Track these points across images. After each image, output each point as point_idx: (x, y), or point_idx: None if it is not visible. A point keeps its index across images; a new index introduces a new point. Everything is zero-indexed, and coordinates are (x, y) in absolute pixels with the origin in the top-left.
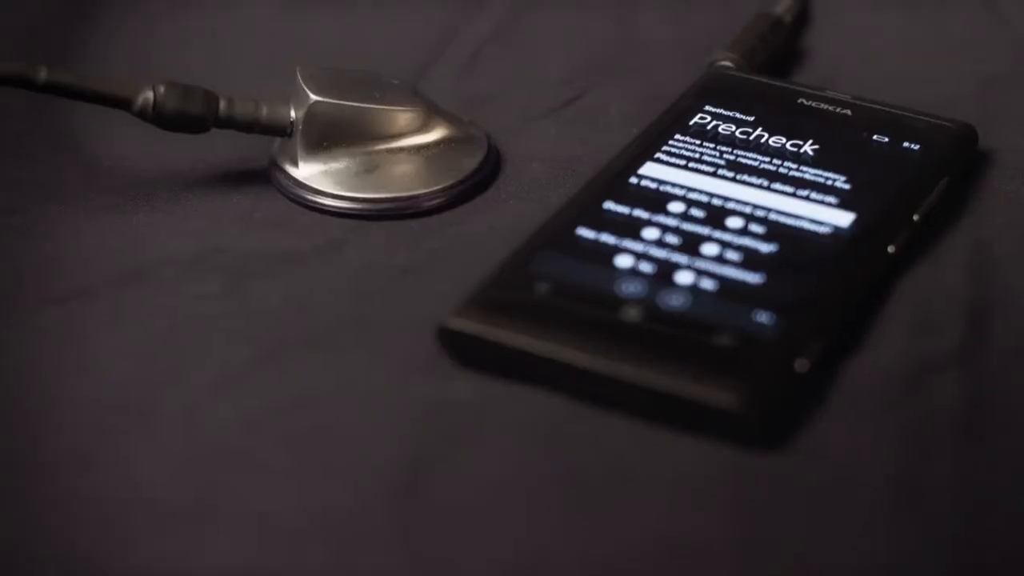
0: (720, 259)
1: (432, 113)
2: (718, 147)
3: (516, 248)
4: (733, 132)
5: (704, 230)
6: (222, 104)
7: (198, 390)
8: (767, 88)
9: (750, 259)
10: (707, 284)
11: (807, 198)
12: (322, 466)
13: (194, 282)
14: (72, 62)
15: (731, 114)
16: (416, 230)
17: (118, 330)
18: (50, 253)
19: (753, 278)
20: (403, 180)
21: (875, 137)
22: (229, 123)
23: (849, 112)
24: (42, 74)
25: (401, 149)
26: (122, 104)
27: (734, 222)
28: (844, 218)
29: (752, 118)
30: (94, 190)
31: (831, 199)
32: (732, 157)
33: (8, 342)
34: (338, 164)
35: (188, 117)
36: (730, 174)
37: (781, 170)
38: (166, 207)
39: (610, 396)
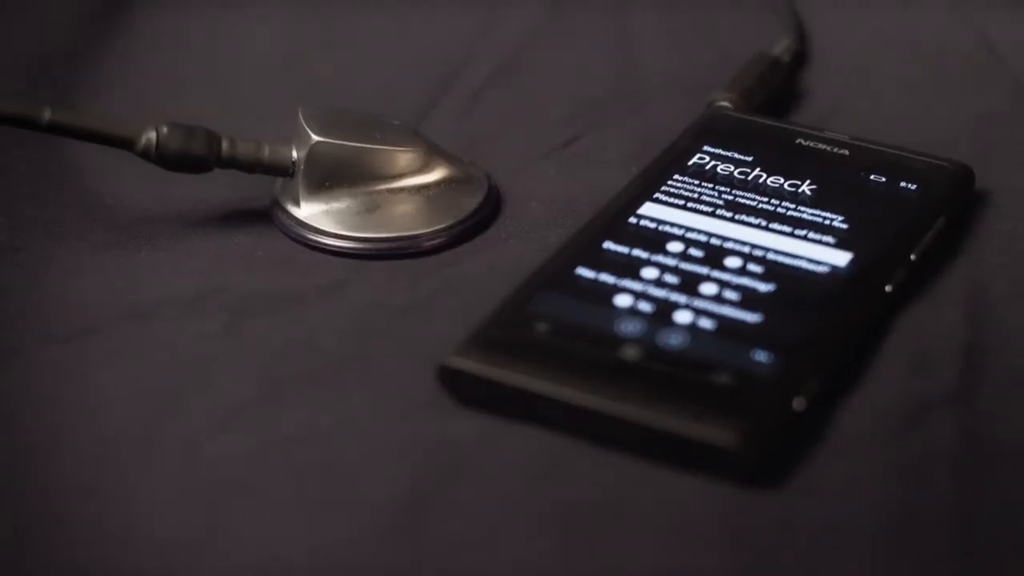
0: (719, 299)
1: (432, 153)
2: (716, 187)
3: (516, 288)
4: (731, 172)
5: (703, 270)
6: (224, 144)
7: (199, 426)
8: (765, 128)
9: (748, 298)
10: (706, 323)
11: (805, 238)
12: (323, 501)
13: (196, 320)
14: (74, 101)
15: (729, 154)
16: (417, 269)
17: (121, 367)
18: (53, 290)
19: (751, 317)
20: (404, 220)
21: (872, 177)
22: (231, 163)
23: (846, 152)
24: (46, 115)
25: (402, 189)
26: (125, 144)
27: (732, 262)
28: (842, 258)
29: (750, 158)
30: (97, 228)
31: (829, 239)
32: (730, 197)
33: (12, 377)
34: (339, 204)
35: (191, 157)
36: (728, 214)
37: (779, 210)
38: (169, 245)
39: (610, 434)
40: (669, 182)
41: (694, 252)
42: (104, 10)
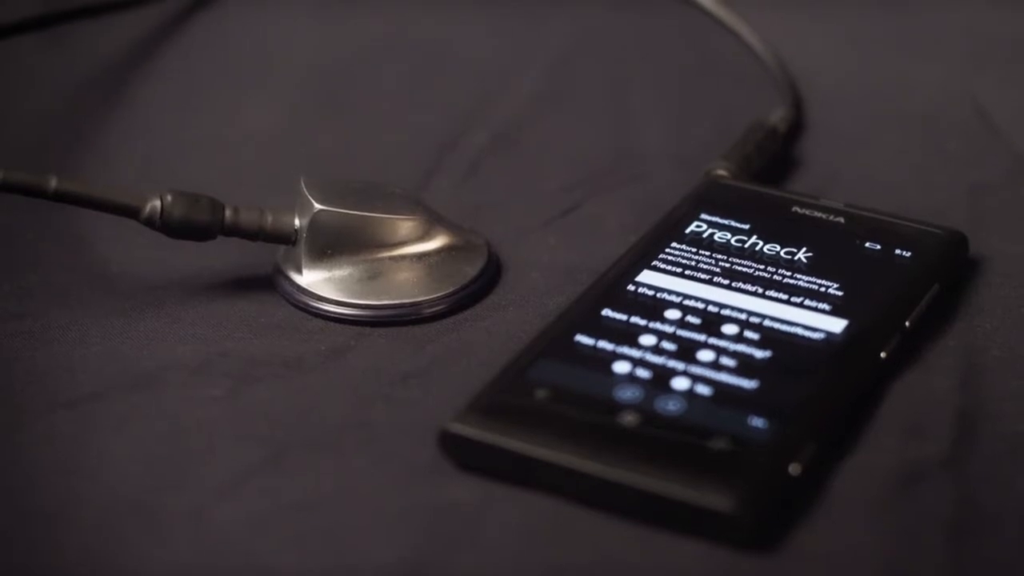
0: (716, 365)
1: (433, 221)
2: (714, 255)
3: (516, 354)
4: (728, 240)
5: (700, 336)
6: (228, 213)
7: (203, 492)
8: (761, 197)
9: (745, 365)
10: (703, 390)
11: (801, 305)
12: (325, 568)
13: (200, 386)
14: (80, 169)
15: (726, 222)
16: (418, 336)
17: (126, 433)
18: (59, 357)
19: (748, 384)
20: (405, 287)
21: (867, 244)
22: (235, 231)
23: (842, 220)
24: (52, 183)
25: (403, 256)
26: (130, 213)
27: (729, 328)
28: (837, 324)
29: (747, 226)
30: (102, 295)
31: (824, 306)
32: (727, 265)
33: (19, 445)
34: (341, 271)
35: (194, 225)
36: (725, 281)
37: (775, 277)
38: (173, 312)
39: (609, 499)
40: (667, 250)
41: (691, 319)
42: (108, 79)
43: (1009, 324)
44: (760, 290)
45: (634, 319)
